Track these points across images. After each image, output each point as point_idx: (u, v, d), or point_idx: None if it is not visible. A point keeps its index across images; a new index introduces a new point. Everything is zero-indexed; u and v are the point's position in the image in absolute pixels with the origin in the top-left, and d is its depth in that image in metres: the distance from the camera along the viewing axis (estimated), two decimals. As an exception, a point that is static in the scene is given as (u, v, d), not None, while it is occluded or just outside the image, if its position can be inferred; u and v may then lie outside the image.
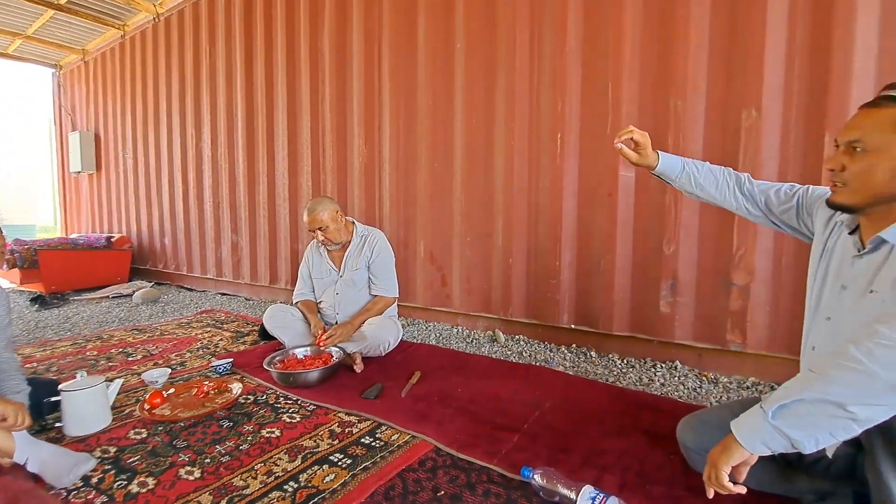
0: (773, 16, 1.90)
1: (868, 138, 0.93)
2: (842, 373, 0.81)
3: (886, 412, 0.79)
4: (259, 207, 4.03)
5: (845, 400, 0.80)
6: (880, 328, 0.80)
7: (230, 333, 2.90)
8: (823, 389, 0.82)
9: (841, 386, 0.80)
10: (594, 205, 2.40)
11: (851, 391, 0.79)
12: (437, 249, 3.02)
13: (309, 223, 2.22)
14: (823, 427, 0.83)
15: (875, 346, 0.78)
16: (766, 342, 2.02)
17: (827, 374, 0.83)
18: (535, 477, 1.22)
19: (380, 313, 2.27)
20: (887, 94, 0.94)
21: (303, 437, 1.52)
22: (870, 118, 0.94)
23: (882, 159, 0.92)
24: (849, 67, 1.77)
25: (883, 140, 0.91)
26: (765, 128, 1.94)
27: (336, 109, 3.43)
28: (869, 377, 0.78)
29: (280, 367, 2.01)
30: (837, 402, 0.80)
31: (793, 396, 0.85)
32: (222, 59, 4.21)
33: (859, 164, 0.94)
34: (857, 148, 0.95)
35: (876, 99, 0.96)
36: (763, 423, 0.88)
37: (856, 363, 0.79)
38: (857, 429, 0.82)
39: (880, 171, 0.92)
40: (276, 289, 3.98)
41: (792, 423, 0.85)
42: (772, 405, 0.88)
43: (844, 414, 0.80)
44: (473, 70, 2.75)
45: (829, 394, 0.81)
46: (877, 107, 0.94)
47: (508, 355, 2.44)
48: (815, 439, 0.84)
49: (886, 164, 0.91)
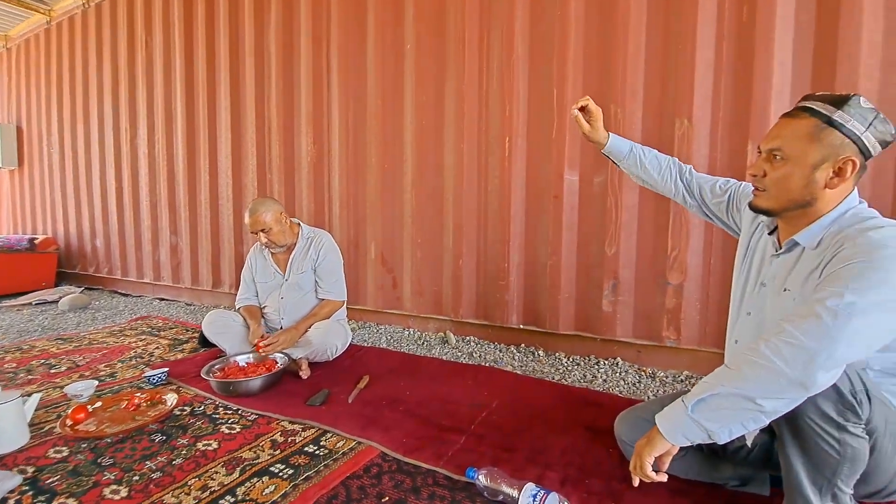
0: (703, 32, 2.02)
1: (787, 147, 0.98)
2: (752, 369, 0.87)
3: (789, 404, 0.86)
4: (200, 207, 3.84)
5: (755, 394, 0.86)
6: (786, 326, 0.86)
7: (167, 341, 2.75)
8: (736, 384, 0.88)
9: (751, 381, 0.86)
10: (541, 207, 2.46)
11: (760, 386, 0.85)
12: (389, 251, 2.99)
13: (251, 225, 2.14)
14: (736, 419, 0.89)
15: (781, 344, 0.85)
16: (697, 337, 2.15)
17: (740, 370, 0.89)
18: (479, 477, 1.24)
19: (327, 317, 2.22)
20: (805, 105, 0.99)
21: (242, 448, 1.46)
22: (788, 128, 0.99)
23: (798, 167, 0.97)
24: (768, 83, 1.91)
25: (799, 149, 0.97)
26: (695, 136, 2.06)
27: (283, 107, 3.32)
28: (775, 373, 0.84)
29: (220, 375, 1.93)
30: (748, 395, 0.86)
31: (710, 391, 0.91)
32: (160, 51, 3.98)
33: (778, 170, 1.00)
34: (776, 156, 1.00)
35: (795, 109, 1.02)
36: (684, 417, 0.93)
37: (764, 360, 0.85)
38: (766, 420, 0.88)
39: (796, 178, 0.98)
40: (219, 293, 3.81)
41: (709, 416, 0.91)
42: (691, 399, 0.93)
43: (754, 407, 0.86)
44: (423, 72, 2.75)
45: (741, 388, 0.87)
46: (795, 117, 0.99)
47: (459, 357, 2.46)
48: (729, 430, 0.90)
49: (801, 172, 0.97)
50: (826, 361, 0.81)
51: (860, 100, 0.94)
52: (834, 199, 0.99)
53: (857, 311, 0.81)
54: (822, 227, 0.99)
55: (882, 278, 0.83)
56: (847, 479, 0.93)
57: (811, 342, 0.82)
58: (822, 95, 0.99)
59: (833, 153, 0.94)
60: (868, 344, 0.85)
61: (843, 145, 0.94)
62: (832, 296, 0.84)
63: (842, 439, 0.89)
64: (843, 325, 0.81)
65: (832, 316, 0.82)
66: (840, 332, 0.81)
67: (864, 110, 0.93)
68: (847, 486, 0.94)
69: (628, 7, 2.16)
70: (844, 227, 0.95)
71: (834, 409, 0.88)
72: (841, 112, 0.93)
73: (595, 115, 1.41)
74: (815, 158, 0.95)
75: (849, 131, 0.93)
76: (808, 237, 1.01)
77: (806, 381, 0.82)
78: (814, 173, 0.96)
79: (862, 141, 0.93)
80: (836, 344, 0.81)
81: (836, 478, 0.92)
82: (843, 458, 0.90)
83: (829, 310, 0.82)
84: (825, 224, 0.99)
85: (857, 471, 0.92)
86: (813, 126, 0.95)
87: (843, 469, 0.91)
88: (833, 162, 0.95)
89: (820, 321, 0.82)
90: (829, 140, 0.94)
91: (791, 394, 0.84)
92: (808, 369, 0.81)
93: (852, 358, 0.84)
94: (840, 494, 0.94)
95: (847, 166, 0.94)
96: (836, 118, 0.93)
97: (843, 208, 0.98)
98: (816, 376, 0.82)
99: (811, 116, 0.96)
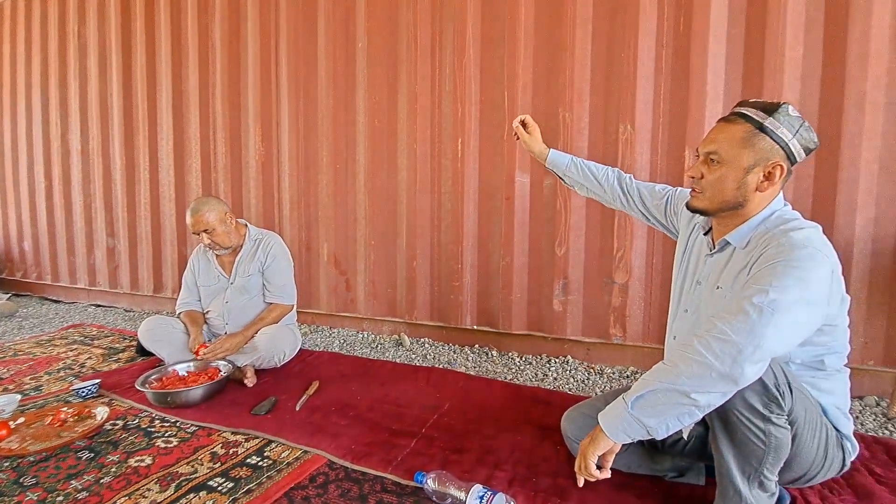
0: (644, 42, 2.11)
1: (722, 151, 1.03)
2: (686, 364, 0.90)
3: (721, 398, 0.90)
4: (140, 208, 3.62)
5: (689, 388, 0.89)
6: (717, 323, 0.90)
7: (102, 350, 2.57)
8: (672, 380, 0.91)
9: (685, 376, 0.90)
10: (493, 209, 2.49)
11: (693, 380, 0.89)
12: (341, 253, 2.93)
13: (193, 225, 2.03)
14: (672, 414, 0.92)
15: (712, 340, 0.89)
16: (642, 334, 2.23)
17: (675, 366, 0.92)
18: (427, 481, 1.23)
19: (275, 322, 2.14)
20: (740, 110, 1.04)
21: (179, 462, 1.39)
22: (724, 132, 1.04)
23: (732, 170, 1.02)
24: (703, 91, 2.02)
25: (734, 153, 1.02)
26: (638, 141, 2.14)
27: (229, 103, 3.19)
28: (707, 368, 0.88)
29: (157, 385, 1.82)
30: (683, 390, 0.90)
31: (647, 388, 0.94)
32: (94, 41, 3.72)
33: (715, 173, 1.04)
34: (713, 159, 1.05)
35: (730, 114, 1.06)
36: (624, 414, 0.96)
37: (697, 355, 0.89)
38: (699, 414, 0.92)
39: (730, 181, 1.03)
40: (160, 298, 3.61)
41: (647, 413, 0.94)
42: (631, 397, 0.96)
43: (689, 401, 0.90)
44: (376, 71, 2.72)
45: (676, 384, 0.90)
46: (731, 122, 1.04)
47: (413, 359, 2.44)
48: (666, 425, 0.93)
49: (735, 175, 1.02)
50: (753, 355, 0.85)
51: (789, 108, 1.00)
52: (763, 202, 1.05)
53: (780, 308, 0.86)
54: (751, 228, 1.05)
55: (801, 276, 0.89)
56: (772, 467, 0.98)
57: (739, 337, 0.86)
58: (756, 102, 1.04)
59: (764, 158, 1.00)
60: (791, 338, 0.90)
61: (772, 150, 0.99)
62: (758, 293, 0.88)
63: (767, 430, 0.94)
64: (768, 320, 0.86)
65: (758, 312, 0.86)
66: (765, 328, 0.85)
67: (791, 118, 0.99)
68: (772, 473, 0.99)
69: (574, 15, 2.22)
70: (770, 228, 1.01)
71: (760, 402, 0.92)
72: (772, 119, 0.99)
73: (533, 128, 1.54)
74: (748, 162, 1.00)
75: (778, 138, 0.98)
76: (738, 237, 1.06)
77: (735, 374, 0.86)
78: (746, 176, 1.01)
79: (789, 147, 0.99)
80: (761, 339, 0.85)
81: (763, 466, 0.97)
82: (769, 447, 0.95)
83: (755, 306, 0.87)
84: (753, 225, 1.04)
85: (780, 459, 0.98)
86: (746, 131, 1.00)
87: (769, 458, 0.96)
88: (764, 166, 1.00)
89: (747, 317, 0.87)
90: (760, 145, 1.00)
91: (722, 387, 0.88)
92: (736, 363, 0.85)
93: (777, 351, 0.88)
94: (766, 482, 0.99)
95: (776, 170, 1.00)
96: (767, 125, 0.99)
97: (770, 210, 1.04)
98: (745, 369, 0.86)
99: (745, 122, 1.01)
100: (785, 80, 1.90)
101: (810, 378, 1.05)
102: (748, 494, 0.99)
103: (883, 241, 1.85)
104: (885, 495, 1.23)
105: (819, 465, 1.05)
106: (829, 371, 1.06)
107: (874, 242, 1.85)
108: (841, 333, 1.05)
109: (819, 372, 1.05)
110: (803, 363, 1.05)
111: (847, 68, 1.83)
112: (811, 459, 1.03)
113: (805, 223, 1.00)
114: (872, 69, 1.80)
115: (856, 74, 1.82)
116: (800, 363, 1.05)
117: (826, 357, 1.04)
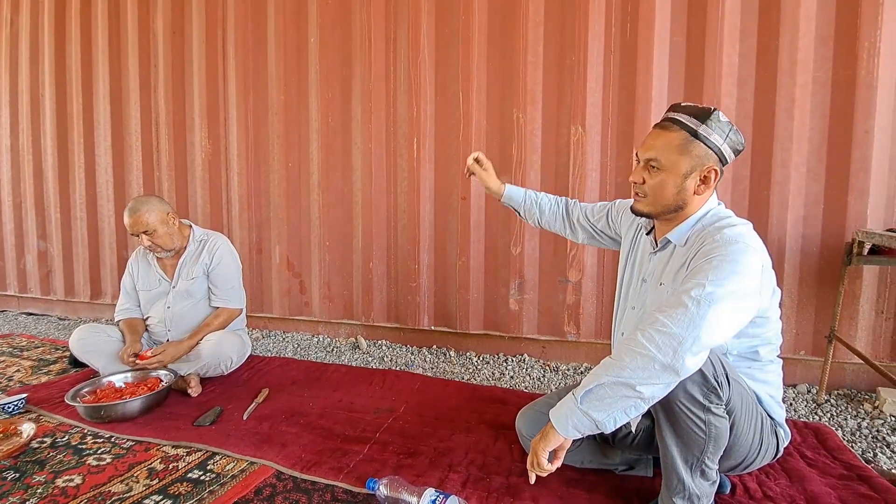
0: (593, 46, 2.16)
1: (661, 157, 1.07)
2: (630, 357, 0.92)
3: (664, 389, 0.93)
4: (75, 208, 3.38)
5: (634, 381, 0.91)
6: (659, 316, 0.93)
7: (31, 363, 2.38)
8: (618, 373, 0.93)
9: (630, 369, 0.91)
10: (449, 208, 2.48)
11: (638, 373, 0.91)
12: (295, 254, 2.84)
13: (131, 226, 1.90)
14: (619, 407, 0.94)
15: (655, 332, 0.91)
16: (595, 331, 2.29)
17: (621, 360, 0.94)
18: (380, 488, 1.20)
19: (222, 327, 2.04)
20: (673, 116, 1.09)
21: (112, 481, 1.29)
22: (661, 139, 1.08)
23: (671, 176, 1.07)
24: (649, 95, 2.09)
25: (672, 160, 1.06)
26: (589, 142, 2.19)
27: (172, 98, 3.03)
28: (650, 359, 0.90)
29: (90, 399, 1.69)
30: (628, 383, 0.91)
31: (595, 382, 0.95)
32: (26, 31, 3.44)
33: (655, 178, 1.09)
34: (653, 165, 1.09)
35: (665, 120, 1.11)
36: (574, 409, 0.97)
37: (641, 348, 0.91)
38: (644, 406, 0.94)
39: (670, 186, 1.08)
40: (99, 305, 3.38)
41: (595, 406, 0.95)
42: (580, 392, 0.97)
43: (634, 394, 0.92)
44: (329, 68, 2.65)
45: (622, 377, 0.92)
46: (666, 129, 1.09)
47: (370, 362, 2.40)
48: (614, 419, 0.95)
49: (674, 181, 1.07)
50: (693, 346, 0.88)
51: (719, 115, 1.05)
52: (699, 203, 1.11)
53: (716, 300, 0.90)
54: (689, 226, 1.10)
55: (735, 269, 0.93)
56: (713, 455, 1.02)
57: (679, 329, 0.89)
58: (687, 107, 1.09)
59: (700, 163, 1.05)
60: (727, 327, 0.93)
61: (706, 156, 1.05)
62: (695, 286, 0.92)
63: (707, 420, 0.98)
64: (706, 312, 0.89)
65: (696, 304, 0.90)
66: (703, 319, 0.89)
67: (722, 124, 1.05)
68: (713, 462, 1.03)
69: (527, 17, 2.24)
70: (706, 226, 1.06)
71: (700, 392, 0.96)
72: (705, 126, 1.04)
73: (487, 165, 1.57)
74: (686, 168, 1.06)
75: (711, 143, 1.04)
76: (677, 235, 1.11)
77: (676, 365, 0.89)
78: (685, 182, 1.07)
79: (721, 151, 1.05)
80: (700, 330, 0.88)
81: (704, 455, 1.01)
82: (709, 436, 0.99)
83: (693, 299, 0.90)
84: (691, 223, 1.10)
85: (720, 447, 1.02)
86: (682, 139, 1.05)
87: (709, 447, 1.00)
88: (700, 171, 1.06)
89: (686, 310, 0.90)
90: (696, 152, 1.05)
91: (665, 378, 0.90)
92: (677, 354, 0.88)
93: (715, 341, 0.92)
94: (707, 470, 1.03)
95: (711, 175, 1.06)
96: (700, 132, 1.04)
97: (705, 209, 1.10)
98: (685, 360, 0.88)
99: (680, 129, 1.06)
100: (723, 86, 2.00)
101: (746, 369, 1.10)
102: (691, 483, 1.03)
103: (811, 239, 1.97)
104: (815, 477, 1.31)
105: (755, 451, 1.10)
106: (763, 362, 1.11)
107: (803, 240, 1.98)
108: (773, 325, 1.10)
109: (755, 363, 1.11)
110: (740, 354, 1.10)
111: (778, 76, 1.94)
112: (748, 446, 1.08)
113: (737, 220, 1.06)
114: (800, 76, 1.92)
115: (786, 82, 1.94)
116: (736, 354, 1.10)
117: (760, 348, 1.10)
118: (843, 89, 1.89)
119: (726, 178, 2.01)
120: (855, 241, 1.73)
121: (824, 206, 1.95)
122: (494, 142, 2.38)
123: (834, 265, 1.93)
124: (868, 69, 1.85)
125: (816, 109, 1.92)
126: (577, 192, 2.23)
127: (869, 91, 1.85)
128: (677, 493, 1.04)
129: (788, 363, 2.01)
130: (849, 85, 1.88)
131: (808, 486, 1.26)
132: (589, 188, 2.22)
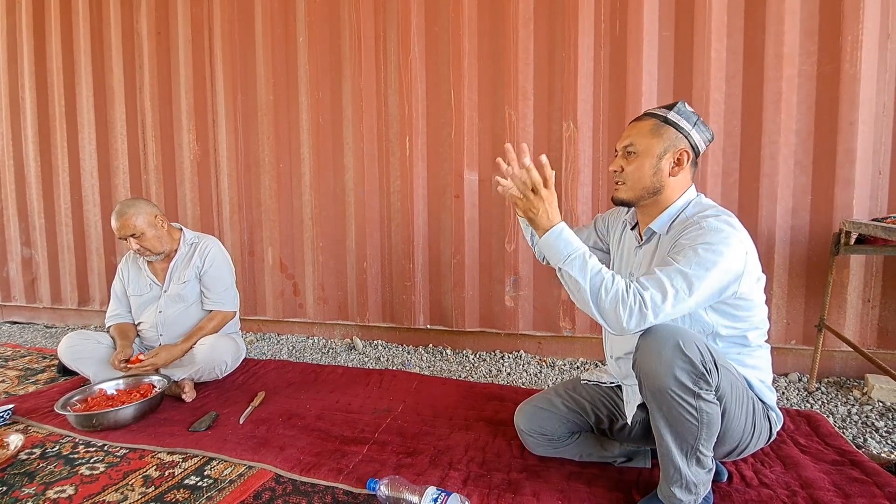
0: (583, 42, 2.17)
1: (637, 142, 1.16)
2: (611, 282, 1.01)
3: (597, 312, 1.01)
4: (60, 214, 3.31)
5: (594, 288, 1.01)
6: (655, 271, 1.02)
7: (17, 372, 2.33)
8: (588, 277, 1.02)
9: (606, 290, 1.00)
10: (443, 206, 2.48)
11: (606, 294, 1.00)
12: (288, 256, 2.82)
13: (118, 230, 1.87)
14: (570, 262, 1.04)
15: (649, 278, 1.01)
16: (590, 326, 2.30)
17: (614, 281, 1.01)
18: (380, 488, 1.19)
19: (215, 331, 2.01)
20: (646, 111, 1.21)
21: (106, 490, 1.27)
22: (636, 128, 1.18)
23: (647, 158, 1.15)
24: (639, 90, 2.11)
25: (647, 143, 1.15)
26: (580, 138, 2.20)
27: (159, 100, 2.98)
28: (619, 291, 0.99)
29: (81, 407, 1.66)
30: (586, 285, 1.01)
31: (576, 259, 1.04)
32: (3, 31, 3.37)
33: (633, 163, 1.17)
34: (630, 151, 1.17)
35: (641, 115, 1.22)
36: (556, 251, 1.06)
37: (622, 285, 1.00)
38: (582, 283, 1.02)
39: (647, 168, 1.15)
40: (87, 311, 3.32)
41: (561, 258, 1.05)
42: (563, 262, 1.05)
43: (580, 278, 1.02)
44: (318, 67, 2.63)
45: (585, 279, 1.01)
46: (640, 120, 1.20)
47: (366, 362, 2.39)
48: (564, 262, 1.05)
49: (651, 162, 1.15)
50: (675, 297, 0.97)
51: (685, 104, 1.16)
52: (677, 189, 1.17)
53: (703, 264, 0.99)
54: (671, 216, 1.16)
55: (717, 250, 1.01)
56: (707, 442, 1.04)
57: (668, 280, 0.99)
58: (657, 106, 1.22)
59: (672, 145, 1.14)
60: (708, 291, 1.00)
61: (677, 139, 1.14)
62: (683, 257, 1.01)
63: (698, 406, 0.99)
64: (695, 280, 0.98)
65: (686, 264, 1.00)
66: (693, 277, 0.98)
67: (687, 112, 1.15)
68: (707, 449, 1.05)
69: (517, 13, 2.24)
70: (690, 216, 1.13)
71: (689, 379, 0.98)
72: (673, 112, 1.15)
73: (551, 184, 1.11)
74: (660, 149, 1.14)
75: (681, 128, 1.14)
76: (660, 224, 1.18)
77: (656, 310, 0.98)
78: (660, 162, 1.14)
79: (691, 136, 1.14)
80: (690, 285, 0.98)
81: (698, 442, 1.03)
82: (701, 423, 1.00)
83: (681, 262, 1.00)
84: (673, 213, 1.16)
85: (713, 434, 1.03)
86: (654, 124, 1.16)
87: (703, 433, 1.02)
88: (673, 153, 1.14)
89: (676, 267, 1.00)
90: (667, 135, 1.14)
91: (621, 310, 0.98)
92: (665, 301, 0.98)
93: (696, 302, 1.00)
94: (703, 458, 1.05)
95: (683, 157, 1.15)
96: (670, 117, 1.15)
97: (686, 200, 1.17)
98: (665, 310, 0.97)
99: (651, 118, 1.17)
100: (711, 81, 2.02)
101: (736, 355, 1.13)
102: (687, 471, 1.04)
103: (799, 230, 2.00)
104: (808, 463, 1.34)
105: (749, 435, 1.12)
106: (752, 347, 1.15)
107: (792, 231, 2.01)
108: (759, 310, 1.14)
109: (744, 348, 1.14)
110: (729, 340, 1.13)
111: (765, 70, 1.97)
112: (741, 431, 1.11)
113: (720, 210, 1.12)
114: (787, 70, 1.94)
115: (772, 75, 1.96)
116: (726, 339, 1.13)
117: (748, 333, 1.13)
118: (828, 82, 1.92)
119: (717, 172, 2.03)
120: (842, 231, 1.76)
121: (812, 197, 1.98)
122: (486, 139, 2.38)
123: (822, 255, 1.96)
124: (851, 62, 1.88)
125: (803, 102, 1.95)
126: (570, 187, 2.23)
127: (853, 84, 1.89)
128: (675, 482, 1.06)
129: (780, 353, 2.04)
130: (833, 78, 1.91)
131: (803, 473, 1.28)
132: (581, 183, 2.23)
